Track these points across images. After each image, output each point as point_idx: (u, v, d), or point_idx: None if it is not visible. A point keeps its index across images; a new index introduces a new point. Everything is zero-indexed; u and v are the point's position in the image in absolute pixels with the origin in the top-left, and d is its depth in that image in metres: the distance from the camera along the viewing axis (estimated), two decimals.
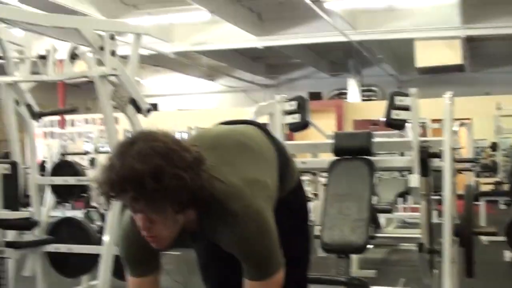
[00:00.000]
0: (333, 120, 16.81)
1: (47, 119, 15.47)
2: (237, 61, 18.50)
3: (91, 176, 6.48)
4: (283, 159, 2.44)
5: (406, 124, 4.49)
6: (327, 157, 4.38)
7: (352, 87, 19.16)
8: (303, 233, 2.58)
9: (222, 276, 2.55)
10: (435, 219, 5.97)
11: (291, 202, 2.46)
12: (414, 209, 9.06)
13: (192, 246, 2.45)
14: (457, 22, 12.85)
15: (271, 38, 14.53)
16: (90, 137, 10.98)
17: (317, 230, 4.07)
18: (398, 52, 16.58)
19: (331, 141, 4.35)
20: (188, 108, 20.54)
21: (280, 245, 2.14)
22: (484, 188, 10.37)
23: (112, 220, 4.12)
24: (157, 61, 17.00)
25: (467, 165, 9.46)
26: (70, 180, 5.21)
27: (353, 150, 4.20)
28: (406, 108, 4.25)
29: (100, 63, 4.22)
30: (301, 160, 4.56)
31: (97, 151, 9.88)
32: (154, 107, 18.71)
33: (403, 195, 5.63)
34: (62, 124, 17.84)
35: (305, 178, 7.61)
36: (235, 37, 14.48)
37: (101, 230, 4.71)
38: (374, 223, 4.26)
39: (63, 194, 6.07)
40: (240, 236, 2.06)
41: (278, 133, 4.50)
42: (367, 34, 13.86)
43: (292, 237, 2.37)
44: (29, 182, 4.75)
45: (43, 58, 4.49)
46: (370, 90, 19.59)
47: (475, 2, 12.28)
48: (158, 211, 1.96)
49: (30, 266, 4.71)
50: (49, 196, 5.72)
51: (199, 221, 2.10)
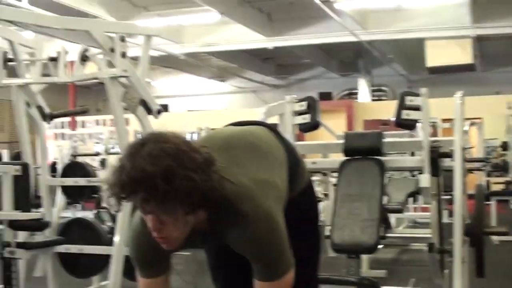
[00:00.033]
0: (344, 120, 16.79)
1: (58, 120, 15.49)
2: (247, 61, 18.49)
3: (102, 177, 6.50)
4: (293, 160, 2.44)
5: (417, 124, 4.48)
6: (338, 157, 4.37)
7: (362, 87, 19.12)
8: (313, 233, 2.58)
9: (231, 276, 2.55)
10: (445, 219, 5.96)
11: (301, 203, 2.46)
12: (424, 209, 9.05)
13: (202, 247, 2.45)
14: (467, 22, 12.82)
15: (281, 38, 14.52)
16: (101, 138, 11.02)
17: (327, 230, 4.07)
18: (408, 52, 16.53)
19: (341, 141, 4.35)
20: (198, 109, 20.55)
21: (290, 246, 2.14)
22: (495, 187, 10.35)
23: (123, 221, 4.14)
24: (167, 62, 17.03)
25: (477, 164, 9.46)
26: (81, 181, 5.23)
27: (363, 150, 4.19)
28: (416, 108, 4.24)
29: (110, 64, 4.23)
30: (311, 160, 4.56)
31: (107, 152, 9.93)
32: (165, 108, 18.72)
33: (414, 195, 5.61)
34: (73, 125, 17.90)
35: (315, 178, 7.62)
36: (245, 37, 14.48)
37: (111, 231, 4.72)
38: (384, 223, 4.25)
39: (73, 195, 6.09)
40: (250, 236, 2.06)
41: (289, 133, 4.50)
42: (377, 34, 13.83)
43: (302, 237, 2.37)
44: (40, 183, 4.78)
45: (54, 60, 4.50)
46: (380, 90, 19.57)
47: (485, 1, 12.25)
48: (169, 212, 1.96)
49: (41, 266, 4.73)
50: (59, 197, 5.74)
51: (209, 221, 2.09)
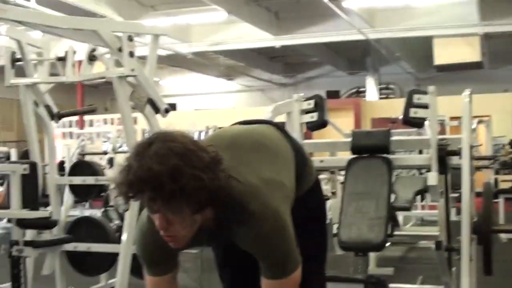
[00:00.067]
0: (351, 119, 16.77)
1: (65, 119, 15.52)
2: (254, 60, 18.50)
3: (110, 175, 6.52)
4: (301, 159, 2.44)
5: (425, 122, 4.47)
6: (345, 156, 4.37)
7: (370, 85, 19.12)
8: (320, 232, 2.59)
9: (238, 275, 2.56)
10: (453, 217, 5.95)
11: (308, 201, 2.47)
12: (432, 207, 9.03)
13: (209, 245, 2.46)
14: (475, 19, 12.79)
15: (289, 37, 14.53)
16: (109, 137, 11.02)
17: (335, 228, 4.07)
18: (416, 50, 16.50)
19: (349, 139, 4.34)
20: (206, 108, 20.57)
21: (297, 244, 2.14)
22: (503, 185, 10.31)
23: (131, 219, 4.14)
24: (175, 61, 17.05)
25: (486, 162, 9.44)
26: (89, 180, 5.24)
27: (371, 148, 4.18)
28: (424, 106, 4.22)
29: (118, 64, 4.24)
30: (319, 158, 4.55)
31: (115, 151, 9.93)
32: (173, 107, 18.76)
33: (422, 193, 5.60)
34: (81, 124, 17.94)
35: (323, 176, 7.61)
36: (252, 36, 14.49)
37: (119, 229, 4.73)
38: (392, 221, 4.24)
39: (81, 193, 6.11)
40: (257, 235, 2.07)
41: (296, 132, 4.49)
42: (385, 32, 13.81)
43: (309, 236, 2.37)
44: (48, 182, 4.79)
45: (61, 59, 4.52)
46: (388, 88, 19.55)
47: None
48: (176, 211, 1.96)
49: (49, 264, 4.74)
50: (67, 196, 5.76)
51: (216, 220, 2.10)
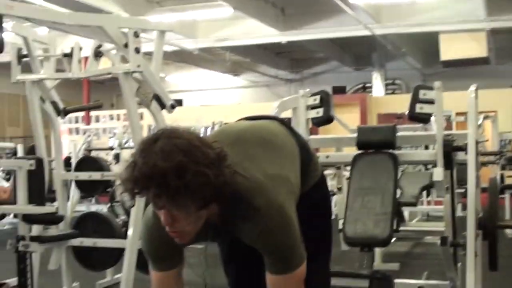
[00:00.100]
0: (357, 114, 16.77)
1: (72, 115, 15.56)
2: (260, 56, 18.50)
3: (116, 171, 6.54)
4: (306, 155, 2.45)
5: (431, 118, 4.47)
6: (351, 151, 4.37)
7: (376, 81, 19.09)
8: (325, 227, 2.59)
9: (243, 270, 2.57)
10: (459, 212, 5.94)
11: (314, 197, 2.47)
12: (438, 203, 9.03)
13: (214, 240, 2.46)
14: (481, 15, 12.76)
15: (295, 32, 14.51)
16: (115, 133, 11.04)
17: (340, 223, 4.07)
18: (422, 46, 16.47)
19: (354, 135, 4.34)
20: (212, 104, 20.58)
21: (302, 239, 2.15)
22: (509, 181, 10.30)
23: (136, 215, 4.15)
24: (181, 57, 17.07)
25: (492, 158, 9.43)
26: (95, 175, 5.25)
27: (376, 144, 4.18)
28: (430, 102, 4.22)
29: (124, 60, 4.25)
30: (325, 154, 4.56)
31: (121, 146, 9.96)
32: (179, 103, 18.81)
33: (428, 188, 5.59)
34: (87, 120, 17.94)
35: (329, 172, 7.61)
36: (258, 32, 14.49)
37: (125, 224, 4.74)
38: (398, 216, 4.25)
39: (87, 189, 6.14)
40: (262, 230, 2.07)
41: (302, 127, 4.50)
42: (391, 27, 13.79)
43: (314, 231, 2.37)
44: (54, 177, 4.80)
45: (67, 56, 4.53)
46: (394, 84, 19.53)
47: None
48: (181, 207, 1.96)
49: (55, 260, 4.75)
50: (74, 191, 5.78)
51: (221, 216, 2.10)
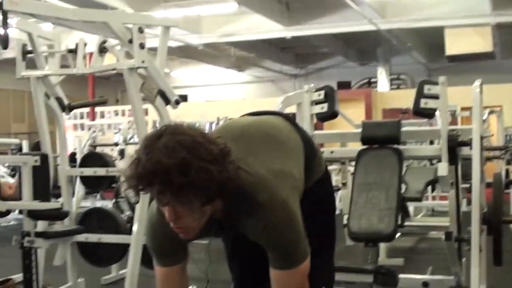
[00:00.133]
0: (362, 109, 16.73)
1: (77, 111, 15.58)
2: (265, 51, 18.49)
3: (121, 167, 6.54)
4: (310, 150, 2.45)
5: (436, 113, 4.46)
6: (356, 147, 4.37)
7: (381, 76, 19.06)
8: (329, 223, 2.59)
9: (247, 265, 2.58)
10: (464, 208, 5.93)
11: (317, 193, 2.47)
12: (443, 198, 9.02)
13: (217, 236, 2.46)
14: (487, 9, 12.73)
15: (299, 27, 14.49)
16: (120, 129, 11.05)
17: (345, 219, 4.07)
18: (428, 40, 16.45)
19: (359, 130, 4.34)
20: (217, 99, 20.58)
21: (306, 235, 2.15)
22: None
23: (141, 210, 4.16)
24: (186, 52, 17.07)
25: (497, 152, 9.41)
26: (100, 171, 5.25)
27: (381, 139, 4.18)
28: (435, 97, 4.21)
29: (129, 56, 4.25)
30: (329, 149, 4.56)
31: (126, 142, 9.97)
32: (184, 98, 18.79)
33: (433, 183, 5.58)
34: (92, 116, 17.97)
35: (333, 167, 7.60)
36: (263, 27, 14.48)
37: (130, 220, 4.75)
38: (403, 211, 4.25)
39: (92, 185, 6.13)
40: (266, 226, 2.07)
41: (306, 123, 4.49)
42: (396, 22, 13.76)
43: (318, 227, 2.37)
44: (59, 173, 4.82)
45: (72, 51, 4.53)
46: (399, 79, 19.50)
47: None
48: (185, 203, 1.97)
49: (60, 255, 4.76)
50: (79, 187, 5.78)
51: (225, 211, 2.11)
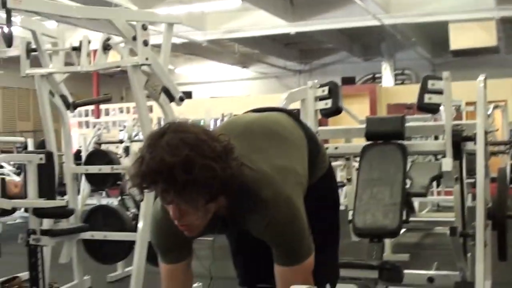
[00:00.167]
0: (367, 105, 16.69)
1: (81, 109, 15.59)
2: (269, 47, 18.45)
3: (126, 164, 6.55)
4: (313, 146, 2.45)
5: (440, 108, 4.46)
6: (360, 142, 4.37)
7: (386, 71, 19.03)
8: (333, 219, 2.60)
9: (252, 262, 2.58)
10: (469, 203, 5.93)
11: (321, 189, 2.47)
12: (448, 193, 9.02)
13: (221, 233, 2.47)
14: (491, 4, 12.68)
15: (303, 23, 14.46)
16: (124, 126, 11.05)
17: (350, 215, 4.08)
18: (432, 35, 16.40)
19: (363, 126, 4.34)
20: (221, 96, 20.57)
21: (310, 231, 2.15)
22: None
23: (147, 208, 4.17)
24: (190, 49, 17.05)
25: (502, 147, 9.40)
26: (105, 169, 5.26)
27: (385, 134, 4.18)
28: (439, 92, 4.21)
29: (132, 53, 4.25)
30: (334, 145, 4.57)
31: (131, 139, 9.98)
32: (188, 95, 18.82)
33: (438, 178, 5.58)
34: (97, 113, 17.97)
35: (338, 163, 7.60)
36: (267, 23, 14.45)
37: (135, 217, 4.75)
38: (408, 207, 4.25)
39: (98, 182, 6.14)
40: (270, 222, 2.08)
41: (311, 119, 4.49)
42: (400, 17, 13.70)
43: (322, 223, 2.38)
44: (64, 171, 4.82)
45: (76, 49, 4.53)
46: (403, 74, 19.47)
47: None
48: (189, 201, 1.97)
49: (66, 253, 4.77)
50: (84, 185, 5.78)
51: (229, 208, 2.11)
